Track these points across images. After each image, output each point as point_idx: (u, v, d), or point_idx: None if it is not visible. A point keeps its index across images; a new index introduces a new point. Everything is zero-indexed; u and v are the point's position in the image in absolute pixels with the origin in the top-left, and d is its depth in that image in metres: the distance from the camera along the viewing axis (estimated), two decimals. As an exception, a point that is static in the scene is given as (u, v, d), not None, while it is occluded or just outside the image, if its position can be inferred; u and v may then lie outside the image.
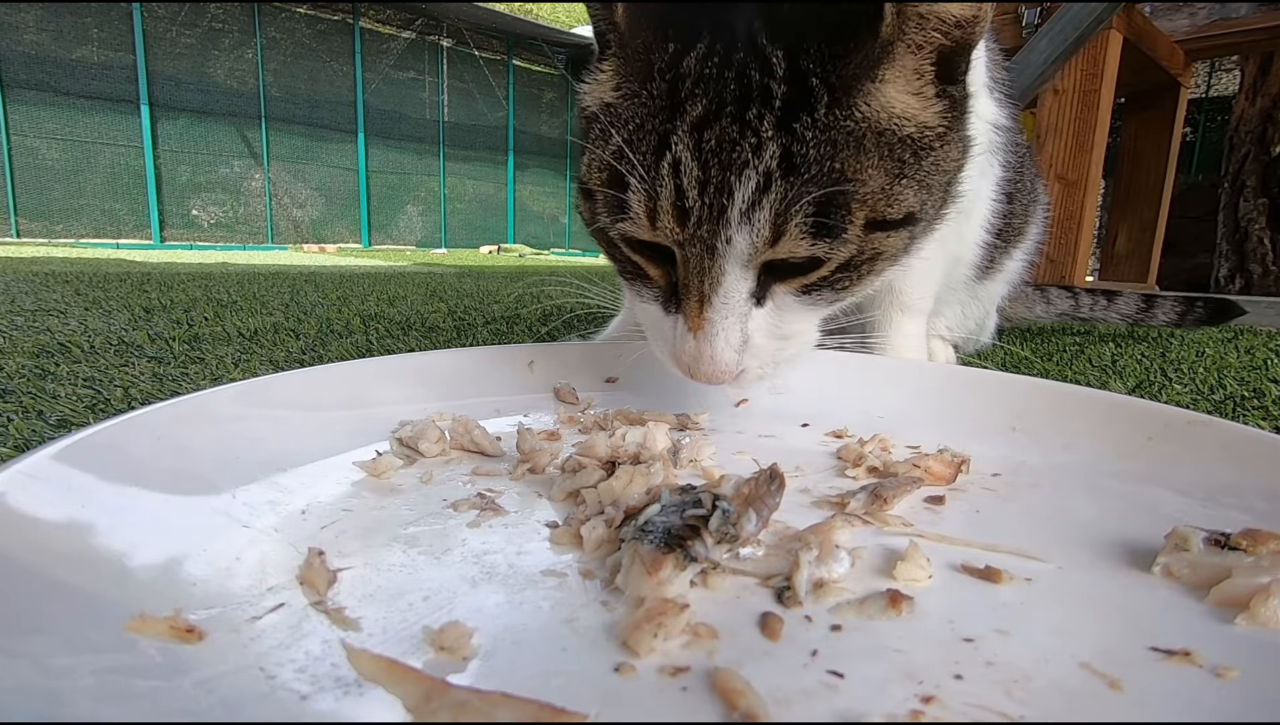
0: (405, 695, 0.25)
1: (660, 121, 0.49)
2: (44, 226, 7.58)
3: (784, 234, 0.47)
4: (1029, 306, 1.45)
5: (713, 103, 0.47)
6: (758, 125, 0.46)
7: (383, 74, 9.50)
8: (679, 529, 0.34)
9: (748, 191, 0.46)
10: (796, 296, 0.53)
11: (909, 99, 0.50)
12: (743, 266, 0.49)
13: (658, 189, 0.48)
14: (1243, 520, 0.38)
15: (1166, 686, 0.27)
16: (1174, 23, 2.61)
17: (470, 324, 1.45)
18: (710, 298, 0.50)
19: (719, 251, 0.48)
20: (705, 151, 0.47)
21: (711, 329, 0.50)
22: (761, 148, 0.46)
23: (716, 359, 0.50)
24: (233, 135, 8.62)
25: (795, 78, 0.47)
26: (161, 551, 0.35)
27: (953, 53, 0.50)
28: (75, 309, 1.56)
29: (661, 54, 0.49)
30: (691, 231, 0.48)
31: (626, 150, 0.49)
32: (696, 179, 0.47)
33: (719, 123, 0.47)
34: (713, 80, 0.48)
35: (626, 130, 0.50)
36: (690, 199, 0.47)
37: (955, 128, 0.53)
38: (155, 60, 7.84)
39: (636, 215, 0.49)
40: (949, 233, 0.85)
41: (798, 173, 0.46)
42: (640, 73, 0.50)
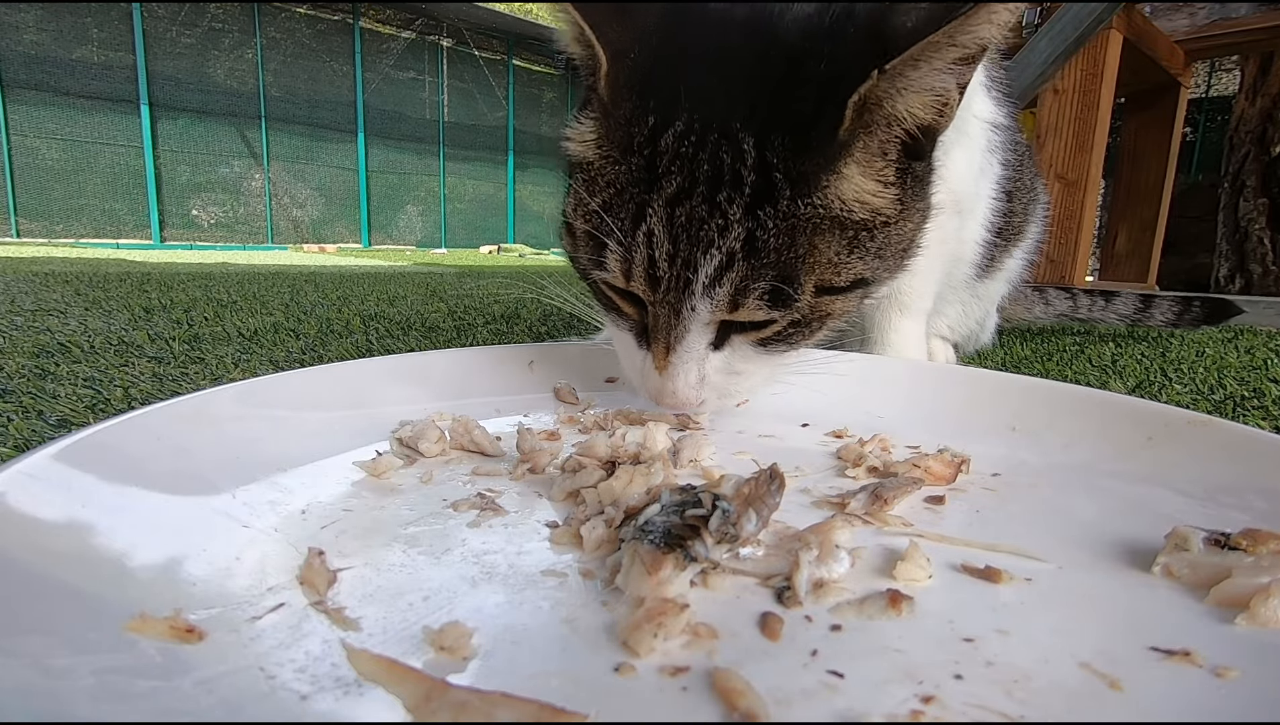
0: (405, 695, 0.25)
1: (638, 192, 0.52)
2: (44, 226, 7.58)
3: (741, 306, 0.52)
4: (1027, 308, 1.45)
5: (686, 181, 0.51)
6: (726, 208, 0.50)
7: (383, 74, 9.50)
8: (679, 529, 0.34)
9: (711, 268, 0.50)
10: (753, 347, 0.57)
11: (868, 185, 0.53)
12: (703, 326, 0.54)
13: (633, 254, 0.52)
14: (1243, 520, 0.38)
15: (1166, 686, 0.27)
16: (1174, 23, 2.61)
17: (470, 324, 1.45)
18: (675, 347, 0.55)
19: (683, 315, 0.53)
20: (677, 227, 0.51)
21: (673, 372, 0.55)
22: (728, 230, 0.50)
23: (678, 394, 0.56)
24: (233, 135, 8.62)
25: (763, 169, 0.50)
26: (161, 551, 0.35)
27: (921, 136, 0.53)
28: (75, 309, 1.56)
29: (642, 127, 0.52)
30: (660, 296, 0.53)
31: (605, 215, 0.53)
32: (667, 252, 0.51)
33: (690, 201, 0.50)
34: (688, 159, 0.51)
35: (607, 193, 0.54)
36: (660, 269, 0.52)
37: (913, 204, 0.57)
38: (155, 60, 7.84)
39: (613, 271, 0.54)
40: (949, 232, 0.86)
41: (758, 256, 0.50)
42: (621, 143, 0.54)
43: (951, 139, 0.79)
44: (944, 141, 0.78)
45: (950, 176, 0.82)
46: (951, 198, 0.84)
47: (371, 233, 9.82)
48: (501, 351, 0.73)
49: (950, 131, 0.78)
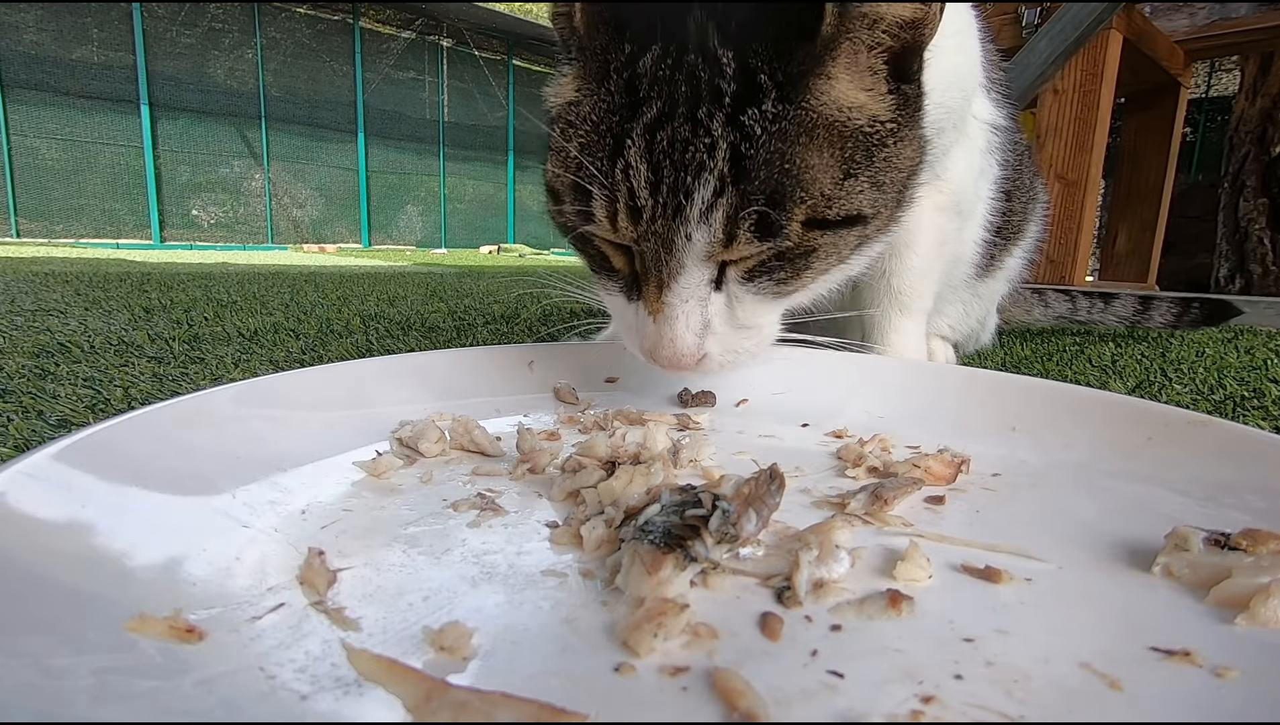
0: (405, 695, 0.25)
1: (617, 122, 0.50)
2: (44, 226, 7.58)
3: (736, 237, 0.49)
4: (1027, 309, 1.46)
5: (667, 103, 0.49)
6: (709, 124, 0.47)
7: (383, 74, 9.50)
8: (679, 529, 0.34)
9: (706, 194, 0.48)
10: (742, 283, 0.54)
11: (859, 94, 0.51)
12: (703, 261, 0.51)
13: (615, 191, 0.50)
14: (1242, 520, 0.38)
15: (1166, 686, 0.27)
16: (1174, 23, 2.61)
17: (470, 324, 1.45)
18: (669, 283, 0.51)
19: (677, 246, 0.50)
20: (658, 153, 0.48)
21: (670, 312, 0.51)
22: (714, 148, 0.47)
23: (677, 342, 0.52)
24: (233, 135, 8.62)
25: (744, 76, 0.48)
26: (161, 551, 0.34)
27: (904, 52, 0.52)
28: (75, 309, 1.56)
29: (619, 55, 0.51)
30: (644, 228, 0.50)
31: (585, 155, 0.50)
32: (648, 181, 0.49)
33: (672, 123, 0.48)
34: (667, 81, 0.49)
35: (584, 133, 0.51)
36: (642, 199, 0.49)
37: (909, 125, 0.54)
38: (155, 60, 7.84)
39: (599, 220, 0.51)
40: (949, 232, 0.86)
41: (748, 175, 0.48)
42: (598, 74, 0.52)
43: (951, 140, 0.80)
44: (943, 141, 0.78)
45: (950, 177, 0.83)
46: (951, 198, 0.84)
47: (371, 233, 9.82)
48: (501, 351, 0.73)
49: (950, 132, 0.78)
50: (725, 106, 0.48)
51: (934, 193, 0.82)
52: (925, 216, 0.83)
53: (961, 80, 0.77)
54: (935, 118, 0.74)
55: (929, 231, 0.83)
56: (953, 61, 0.75)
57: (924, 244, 0.83)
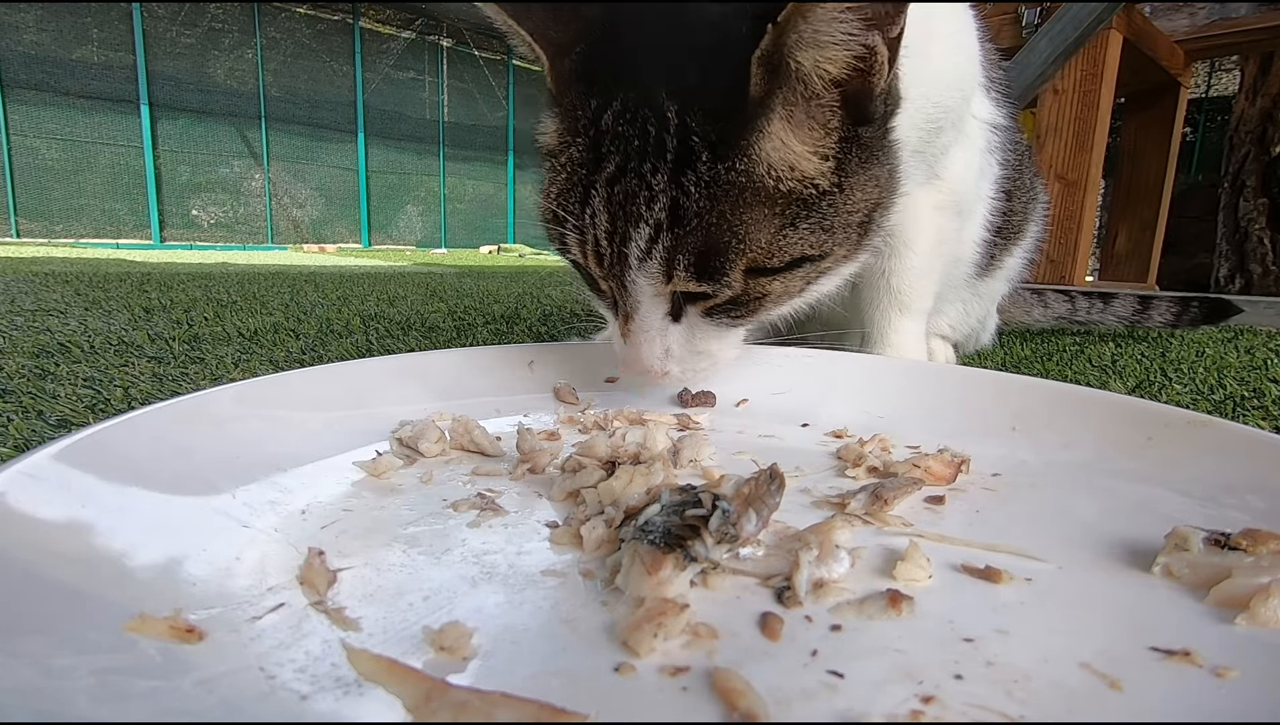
0: (405, 695, 0.25)
1: (586, 173, 0.55)
2: (44, 226, 7.58)
3: (673, 276, 0.54)
4: (1026, 310, 1.46)
5: (622, 158, 0.53)
6: (652, 179, 0.52)
7: (383, 74, 9.49)
8: (679, 529, 0.34)
9: (643, 241, 0.53)
10: (703, 317, 0.59)
11: (798, 151, 0.53)
12: (652, 296, 0.56)
13: (585, 234, 0.56)
14: (1242, 520, 0.38)
15: (1166, 686, 0.27)
16: (1174, 23, 2.61)
17: (470, 324, 1.45)
18: (632, 316, 0.58)
19: (629, 288, 0.56)
20: (615, 204, 0.53)
21: (635, 340, 0.59)
22: (654, 201, 0.52)
23: (642, 361, 0.59)
24: (233, 135, 8.62)
25: (683, 134, 0.51)
26: (161, 551, 0.35)
27: (856, 97, 0.53)
28: (75, 309, 1.56)
29: (585, 111, 0.55)
30: (607, 271, 0.57)
31: (562, 200, 0.56)
32: (606, 230, 0.54)
33: (625, 178, 0.53)
34: (623, 136, 0.53)
35: (562, 178, 0.57)
36: (603, 246, 0.55)
37: (861, 169, 0.56)
38: (155, 60, 7.83)
39: (574, 252, 0.58)
40: (949, 232, 0.86)
41: (681, 225, 0.52)
42: (570, 128, 0.57)
43: (950, 139, 0.80)
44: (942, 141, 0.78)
45: (949, 177, 0.83)
46: (950, 198, 0.84)
47: (371, 233, 9.82)
48: (501, 351, 0.73)
49: (948, 132, 0.78)
50: (667, 163, 0.51)
51: (933, 192, 0.83)
52: (924, 216, 0.83)
53: (959, 79, 0.77)
54: (932, 117, 0.74)
55: (928, 231, 0.83)
56: (950, 61, 0.75)
57: (923, 244, 0.83)
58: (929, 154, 0.77)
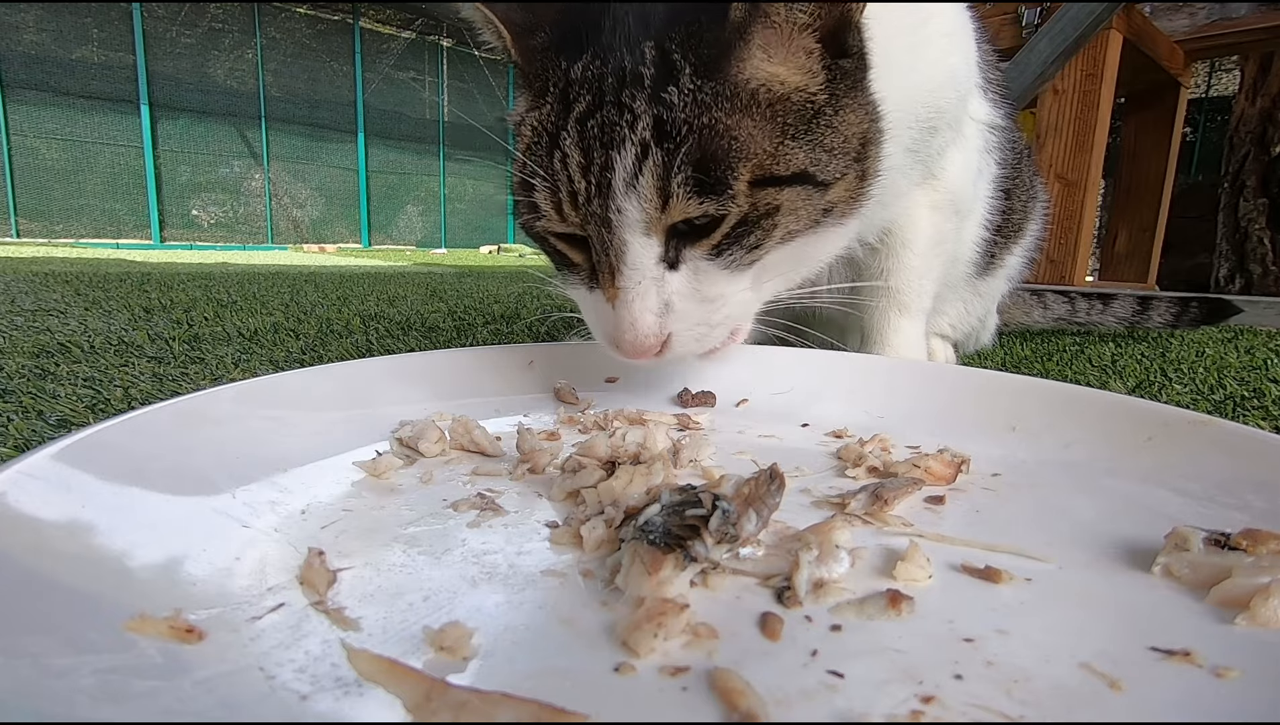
0: (405, 695, 0.25)
1: (553, 122, 0.53)
2: (44, 226, 7.58)
3: (670, 195, 0.49)
4: (1025, 312, 1.46)
5: (595, 96, 0.52)
6: (632, 104, 0.50)
7: (383, 74, 9.50)
8: (679, 529, 0.34)
9: (629, 161, 0.49)
10: (710, 260, 0.54)
11: (782, 69, 0.53)
12: (643, 233, 0.51)
13: (556, 182, 0.52)
14: (1243, 520, 0.38)
15: (1166, 686, 0.27)
16: (1174, 23, 2.61)
17: (470, 324, 1.45)
18: (619, 267, 0.52)
19: (614, 222, 0.51)
20: (589, 138, 0.51)
21: (626, 296, 0.52)
22: (636, 121, 0.50)
23: (636, 324, 0.52)
24: (233, 135, 8.62)
25: (662, 60, 0.51)
26: (161, 551, 0.34)
27: (835, 29, 0.54)
28: (75, 309, 1.56)
29: (556, 70, 0.55)
30: (584, 210, 0.52)
31: (526, 158, 0.54)
32: (579, 164, 0.51)
33: (600, 111, 0.51)
34: (594, 79, 0.52)
35: (527, 138, 0.55)
36: (577, 182, 0.51)
37: (848, 94, 0.56)
38: (155, 60, 7.84)
39: (546, 211, 0.54)
40: (948, 232, 0.86)
41: (671, 138, 0.49)
42: (539, 90, 0.56)
43: (946, 139, 0.80)
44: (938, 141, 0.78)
45: (946, 177, 0.83)
46: (947, 197, 0.84)
47: (371, 233, 9.82)
48: (501, 351, 0.73)
49: (944, 132, 0.78)
50: (646, 87, 0.50)
51: (930, 192, 0.83)
52: (922, 216, 0.83)
53: (954, 80, 0.77)
54: (926, 117, 0.74)
55: (925, 231, 0.83)
56: (945, 62, 0.75)
57: (921, 243, 0.83)
58: (925, 154, 0.77)
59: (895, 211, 0.79)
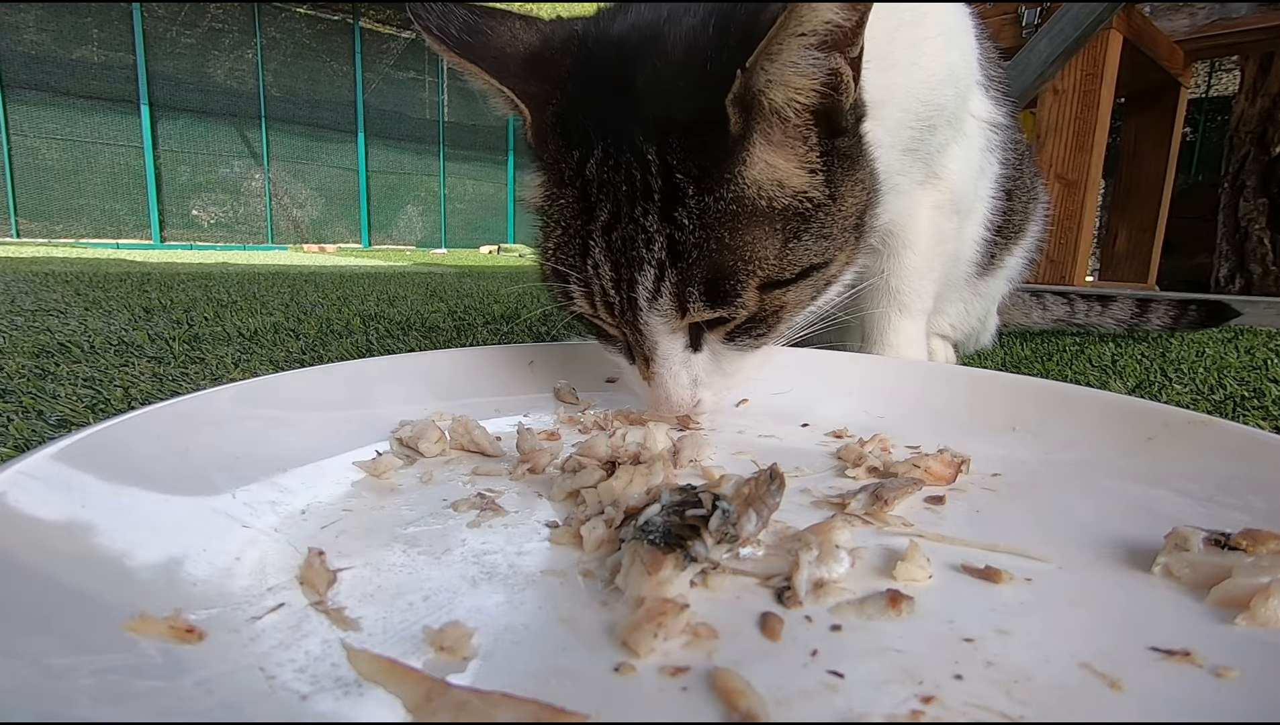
0: (405, 695, 0.25)
1: (580, 224, 0.55)
2: (44, 226, 7.59)
3: (686, 310, 0.54)
4: (1025, 312, 1.46)
5: (613, 205, 0.53)
6: (644, 222, 0.52)
7: (383, 74, 9.50)
8: (679, 529, 0.34)
9: (648, 283, 0.53)
10: (724, 343, 0.59)
11: (785, 169, 0.54)
12: (668, 334, 0.56)
13: (590, 286, 0.56)
14: (1243, 520, 0.38)
15: (1166, 686, 0.27)
16: (1174, 23, 2.61)
17: (470, 324, 1.45)
18: (652, 358, 0.58)
19: (643, 331, 0.56)
20: (615, 252, 0.54)
21: (660, 381, 0.58)
22: (651, 242, 0.52)
23: (672, 400, 0.59)
24: (233, 135, 8.63)
25: (667, 173, 0.52)
26: (161, 551, 0.34)
27: (828, 114, 0.55)
28: (75, 309, 1.56)
29: (569, 163, 0.56)
30: (619, 319, 0.57)
31: (560, 254, 0.57)
32: (611, 279, 0.55)
33: (620, 224, 0.53)
34: (609, 183, 0.53)
35: (557, 235, 0.57)
36: (611, 295, 0.55)
37: (846, 177, 0.57)
38: (155, 60, 7.84)
39: (580, 305, 0.58)
40: (948, 232, 0.86)
41: (683, 258, 0.52)
42: (556, 181, 0.57)
43: (946, 137, 0.80)
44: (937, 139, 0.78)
45: (947, 176, 0.83)
46: (949, 197, 0.84)
47: (371, 233, 9.82)
48: (501, 351, 0.73)
49: (944, 130, 0.78)
50: (656, 203, 0.52)
51: (931, 191, 0.82)
52: (922, 215, 0.83)
53: (953, 77, 0.77)
54: (925, 115, 0.74)
55: (926, 231, 0.83)
56: (943, 59, 0.75)
57: (921, 243, 0.83)
58: (924, 152, 0.77)
59: (896, 212, 0.79)
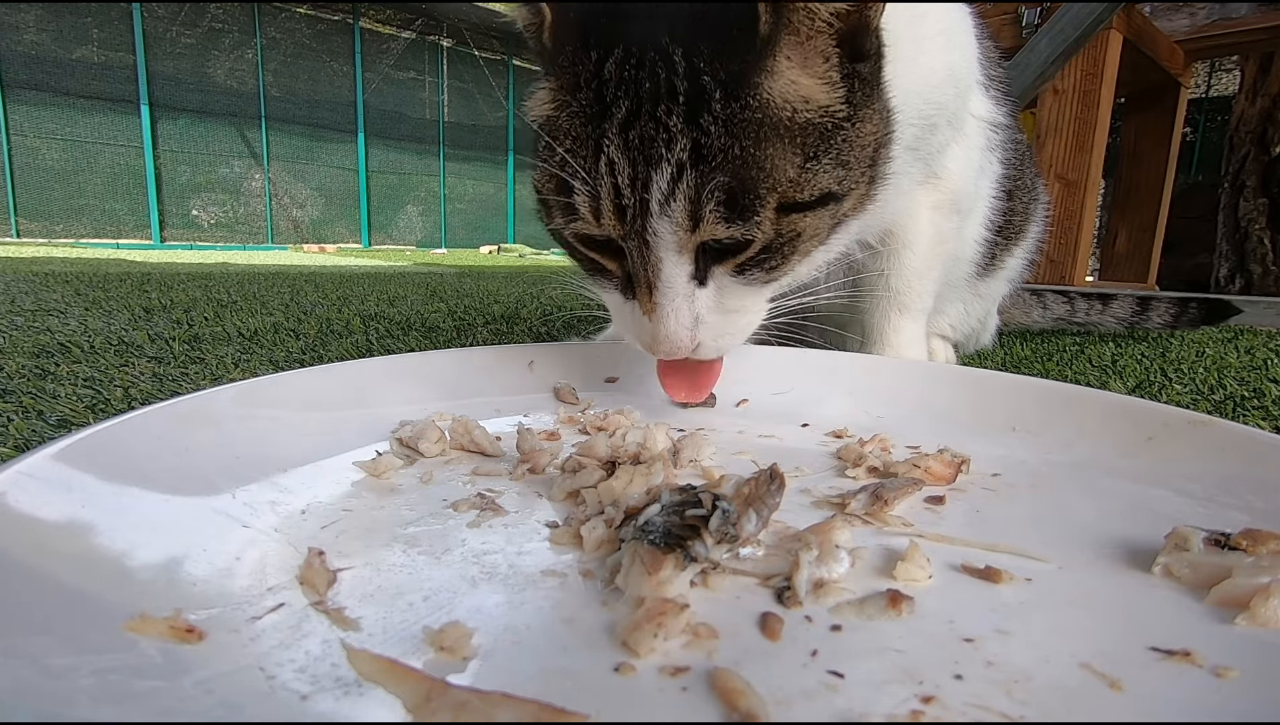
0: (405, 695, 0.25)
1: (594, 126, 0.53)
2: (44, 226, 7.58)
3: (700, 220, 0.51)
4: (1025, 312, 1.46)
5: (633, 103, 0.51)
6: (667, 121, 0.50)
7: (383, 74, 9.50)
8: (679, 529, 0.34)
9: (664, 183, 0.50)
10: (733, 277, 0.56)
11: (808, 84, 0.53)
12: (676, 253, 0.53)
13: (598, 189, 0.52)
14: (1243, 520, 0.38)
15: (1166, 686, 0.27)
16: (1174, 23, 2.61)
17: (470, 324, 1.45)
18: (655, 284, 0.54)
19: (651, 243, 0.53)
20: (631, 150, 0.51)
21: (661, 312, 0.55)
22: (673, 142, 0.50)
23: (671, 336, 0.55)
24: (233, 135, 8.62)
25: (693, 75, 0.50)
26: (161, 551, 0.34)
27: (853, 33, 0.54)
28: (75, 309, 1.56)
29: (586, 64, 0.53)
30: (628, 226, 0.53)
31: (569, 158, 0.53)
32: (628, 176, 0.51)
33: (639, 122, 0.51)
34: (631, 81, 0.51)
35: (568, 139, 0.54)
36: (625, 196, 0.52)
37: (866, 102, 0.56)
38: (155, 60, 7.84)
39: (584, 216, 0.54)
40: (948, 231, 0.86)
41: (706, 162, 0.50)
42: (570, 85, 0.54)
43: (946, 136, 0.80)
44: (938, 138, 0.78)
45: (947, 175, 0.83)
46: (949, 196, 0.84)
47: (371, 233, 9.82)
48: (501, 351, 0.73)
49: (944, 129, 0.78)
50: (680, 105, 0.50)
51: (931, 191, 0.82)
52: (922, 215, 0.83)
53: (953, 77, 0.77)
54: (926, 114, 0.74)
55: (926, 230, 0.83)
56: (943, 58, 0.75)
57: (921, 243, 0.83)
58: (925, 151, 0.77)
59: (896, 211, 0.79)
